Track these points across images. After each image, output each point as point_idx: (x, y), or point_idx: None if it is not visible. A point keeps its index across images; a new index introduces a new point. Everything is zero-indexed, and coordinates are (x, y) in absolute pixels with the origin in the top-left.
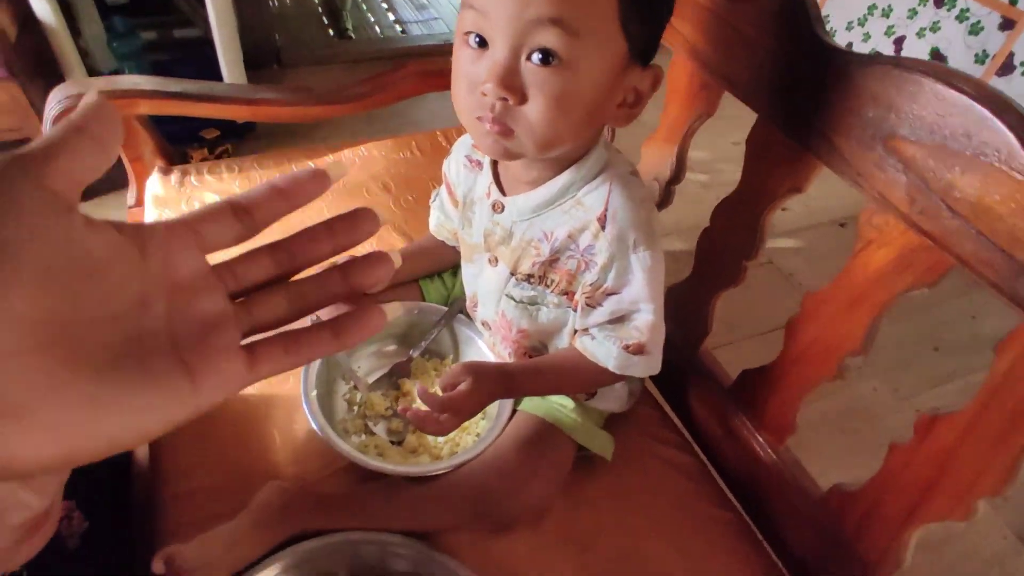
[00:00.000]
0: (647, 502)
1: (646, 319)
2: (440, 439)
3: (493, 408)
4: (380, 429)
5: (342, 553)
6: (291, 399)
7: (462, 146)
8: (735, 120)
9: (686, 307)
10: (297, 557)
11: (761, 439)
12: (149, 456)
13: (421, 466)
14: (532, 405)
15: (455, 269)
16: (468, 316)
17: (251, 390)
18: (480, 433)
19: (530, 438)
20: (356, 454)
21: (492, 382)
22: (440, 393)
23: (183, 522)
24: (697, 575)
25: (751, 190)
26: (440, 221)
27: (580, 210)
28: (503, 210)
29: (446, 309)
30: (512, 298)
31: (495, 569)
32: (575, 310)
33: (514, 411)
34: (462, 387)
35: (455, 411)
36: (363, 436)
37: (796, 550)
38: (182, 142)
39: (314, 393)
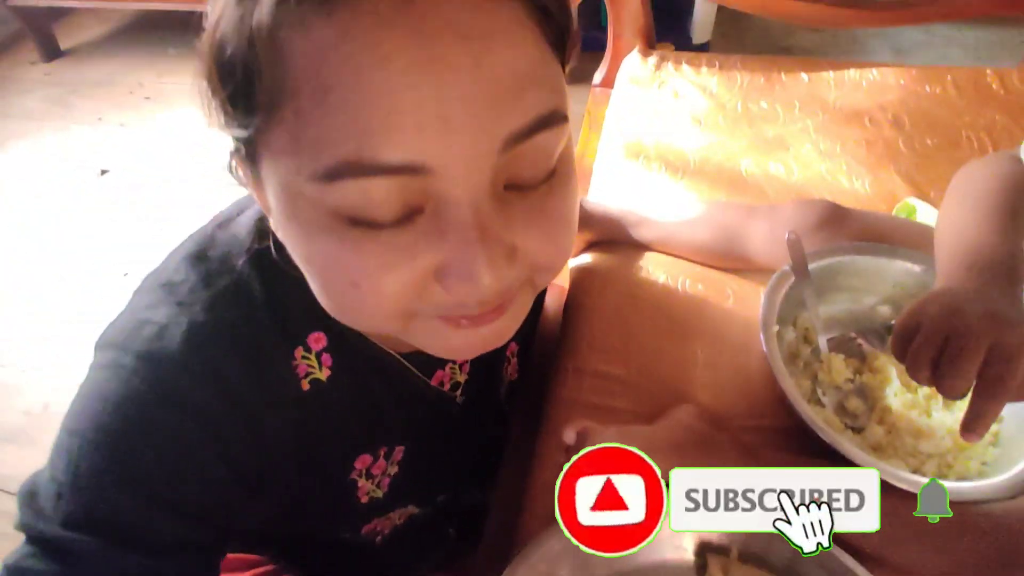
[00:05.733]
0: None
1: None
2: (925, 448)
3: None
4: (830, 402)
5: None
6: (733, 316)
7: None
8: None
9: None
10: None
11: None
12: (562, 322)
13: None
14: None
15: None
16: None
17: (694, 285)
18: (987, 461)
19: None
20: (824, 426)
21: None
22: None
23: (579, 400)
24: None
25: None
26: None
27: None
28: None
29: None
30: None
31: None
32: None
33: None
34: None
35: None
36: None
37: None
38: None
39: (775, 328)
